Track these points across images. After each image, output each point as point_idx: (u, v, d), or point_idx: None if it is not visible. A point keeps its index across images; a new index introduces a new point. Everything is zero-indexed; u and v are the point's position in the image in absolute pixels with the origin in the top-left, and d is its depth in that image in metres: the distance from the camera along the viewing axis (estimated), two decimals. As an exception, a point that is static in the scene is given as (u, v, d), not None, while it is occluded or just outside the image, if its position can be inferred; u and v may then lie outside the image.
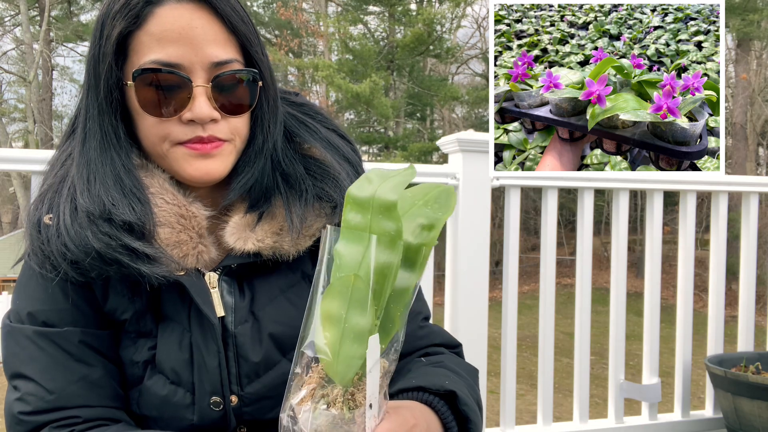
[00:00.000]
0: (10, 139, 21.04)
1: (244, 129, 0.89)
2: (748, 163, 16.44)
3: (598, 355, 5.76)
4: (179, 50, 0.81)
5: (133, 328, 0.86)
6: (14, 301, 0.88)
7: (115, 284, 0.86)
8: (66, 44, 21.29)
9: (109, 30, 0.82)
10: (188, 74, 0.82)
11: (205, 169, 0.85)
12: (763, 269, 11.82)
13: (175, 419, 0.85)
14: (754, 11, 14.93)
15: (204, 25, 0.82)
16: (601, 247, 16.55)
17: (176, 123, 0.83)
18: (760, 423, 2.24)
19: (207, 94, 0.83)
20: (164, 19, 0.81)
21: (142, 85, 0.82)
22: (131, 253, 0.80)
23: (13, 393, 0.83)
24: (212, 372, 0.84)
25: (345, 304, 0.65)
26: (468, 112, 22.74)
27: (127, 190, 0.83)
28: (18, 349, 0.84)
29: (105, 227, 0.81)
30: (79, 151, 0.87)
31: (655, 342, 2.53)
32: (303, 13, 17.72)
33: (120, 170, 0.84)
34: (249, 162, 0.89)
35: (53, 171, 0.90)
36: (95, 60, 0.84)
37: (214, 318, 0.84)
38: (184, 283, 0.84)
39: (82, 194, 0.83)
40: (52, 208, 0.84)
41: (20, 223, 21.73)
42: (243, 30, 0.86)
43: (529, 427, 2.41)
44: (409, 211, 0.72)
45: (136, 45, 0.83)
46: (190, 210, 0.87)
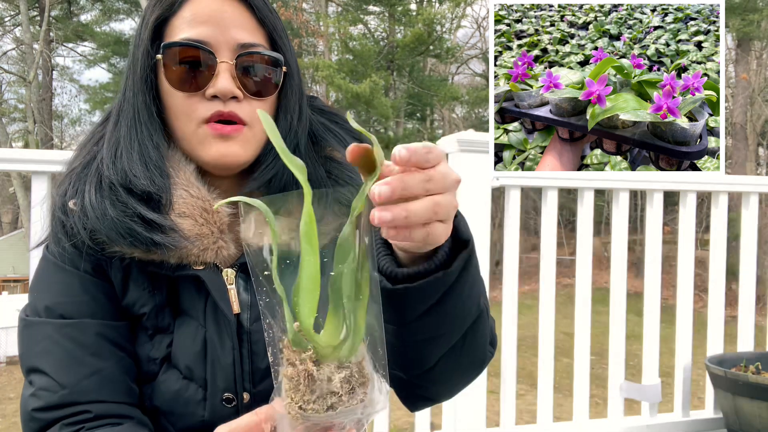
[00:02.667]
0: (10, 139, 21.04)
1: None
2: (748, 163, 16.44)
3: (598, 355, 5.75)
4: (208, 30, 0.85)
5: (151, 324, 0.87)
6: (31, 295, 0.89)
7: (136, 276, 0.87)
8: (66, 44, 21.33)
9: (148, 17, 0.88)
10: (214, 51, 0.85)
11: (224, 151, 0.86)
12: (763, 269, 11.81)
13: (186, 415, 0.85)
14: (754, 11, 14.94)
15: (234, 11, 0.87)
16: (601, 247, 16.56)
17: (201, 99, 0.86)
18: (760, 423, 2.24)
19: (231, 72, 0.85)
20: (197, 5, 0.86)
21: (171, 62, 0.86)
22: (146, 224, 0.82)
23: (28, 389, 0.84)
24: (226, 368, 0.85)
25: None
26: (468, 112, 22.76)
27: (152, 164, 0.85)
28: (34, 343, 0.85)
29: (123, 196, 0.83)
30: (111, 131, 0.90)
31: (655, 342, 2.53)
32: (303, 13, 17.72)
33: (148, 145, 0.87)
34: (271, 151, 0.90)
35: (82, 152, 0.92)
36: (134, 47, 0.89)
37: (230, 314, 0.85)
38: (203, 277, 0.84)
39: (108, 167, 0.85)
40: (78, 192, 0.86)
41: (20, 223, 21.71)
42: (271, 20, 0.90)
43: (529, 427, 2.41)
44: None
45: (170, 29, 0.87)
46: (213, 205, 0.88)
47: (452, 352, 0.80)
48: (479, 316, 0.81)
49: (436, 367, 0.81)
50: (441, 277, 0.71)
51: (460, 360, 0.82)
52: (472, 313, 0.80)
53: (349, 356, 0.62)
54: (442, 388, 0.87)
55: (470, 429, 2.22)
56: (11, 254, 16.86)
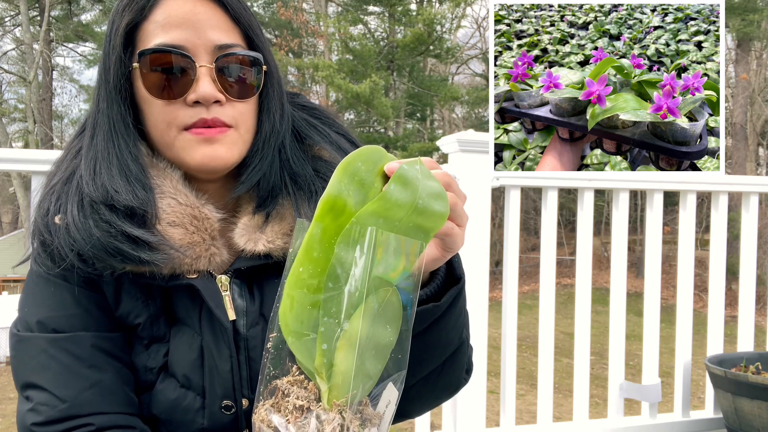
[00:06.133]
0: (10, 139, 21.03)
1: (249, 118, 0.88)
2: (748, 163, 16.44)
3: (598, 355, 5.76)
4: (183, 33, 0.82)
5: (147, 334, 0.86)
6: (21, 310, 0.86)
7: (128, 287, 0.85)
8: (66, 44, 21.31)
9: (118, 23, 0.84)
10: (192, 56, 0.82)
11: (210, 155, 0.84)
12: (763, 269, 11.82)
13: (185, 423, 0.84)
14: (754, 11, 14.94)
15: (207, 12, 0.84)
16: (601, 247, 16.56)
17: (181, 106, 0.83)
18: (760, 423, 2.24)
19: (211, 76, 0.83)
20: (168, 8, 0.83)
21: (147, 69, 0.83)
22: (132, 242, 0.80)
23: (25, 404, 0.82)
24: (224, 376, 0.84)
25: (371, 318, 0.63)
26: (468, 112, 22.76)
27: (133, 177, 0.83)
28: (28, 358, 0.83)
29: (106, 215, 0.80)
30: (88, 145, 0.87)
31: (655, 342, 2.53)
32: (303, 13, 17.72)
33: (127, 158, 0.84)
34: (257, 152, 0.89)
35: (60, 168, 0.90)
36: (105, 54, 0.86)
37: (226, 322, 0.83)
38: (197, 286, 0.83)
39: (88, 184, 0.83)
40: (61, 208, 0.83)
41: (20, 223, 21.65)
42: (246, 18, 0.87)
43: (529, 427, 2.41)
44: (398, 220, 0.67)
45: (143, 35, 0.84)
46: (203, 212, 0.86)
47: (430, 376, 0.86)
48: (460, 346, 0.87)
49: (412, 389, 0.85)
50: (430, 308, 0.78)
51: (436, 384, 0.88)
52: (454, 343, 0.86)
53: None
54: (415, 407, 0.91)
55: (470, 429, 2.22)
56: (11, 254, 16.85)
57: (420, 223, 0.67)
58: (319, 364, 0.64)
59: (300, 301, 0.66)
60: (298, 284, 0.66)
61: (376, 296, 0.64)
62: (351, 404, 0.63)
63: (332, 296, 0.64)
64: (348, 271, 0.64)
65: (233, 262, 0.88)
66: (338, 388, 0.64)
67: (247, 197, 0.91)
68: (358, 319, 0.62)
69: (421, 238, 0.67)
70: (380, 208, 0.65)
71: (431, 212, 0.67)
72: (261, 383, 0.67)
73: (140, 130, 0.87)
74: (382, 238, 0.63)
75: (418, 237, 0.67)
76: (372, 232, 0.63)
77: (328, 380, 0.64)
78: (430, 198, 0.67)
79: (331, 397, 0.64)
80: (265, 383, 0.67)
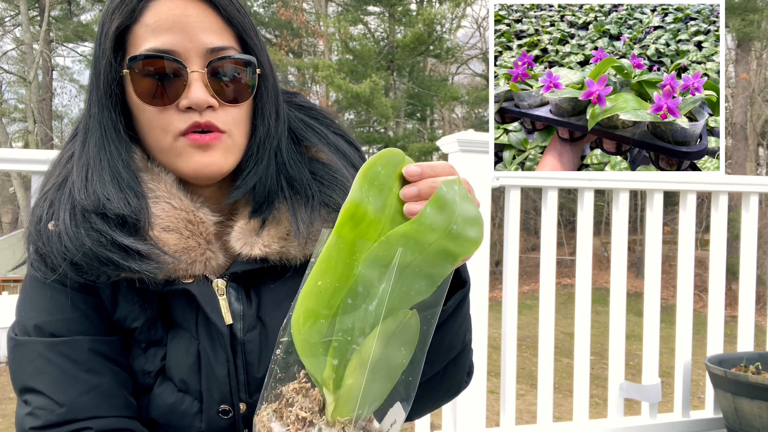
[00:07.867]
0: (10, 139, 21.03)
1: (244, 123, 0.87)
2: (748, 163, 16.43)
3: (598, 355, 5.76)
4: (173, 38, 0.81)
5: (144, 337, 0.85)
6: (19, 314, 0.86)
7: (125, 291, 0.84)
8: (66, 44, 21.31)
9: (108, 26, 0.83)
10: (183, 60, 0.81)
11: (205, 162, 0.83)
12: (763, 269, 11.81)
13: (182, 427, 0.84)
14: (754, 11, 14.94)
15: (199, 14, 0.82)
16: (601, 247, 16.55)
17: (174, 112, 0.82)
18: (760, 423, 2.24)
19: (203, 80, 0.81)
20: (159, 10, 0.81)
21: (138, 75, 0.81)
22: (123, 251, 0.79)
23: (23, 408, 0.82)
24: (221, 380, 0.83)
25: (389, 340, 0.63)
26: (468, 112, 22.75)
27: (125, 185, 0.82)
28: (26, 362, 0.82)
29: (97, 223, 0.79)
30: (80, 151, 0.86)
31: (655, 342, 2.53)
32: (303, 13, 17.71)
33: (118, 164, 0.83)
34: (252, 156, 0.87)
35: (54, 173, 0.89)
36: (96, 58, 0.84)
37: (222, 326, 0.83)
38: (193, 291, 0.82)
39: (80, 192, 0.81)
40: (54, 215, 0.83)
41: (20, 224, 21.66)
42: (239, 20, 0.85)
43: (529, 427, 2.41)
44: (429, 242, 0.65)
45: (133, 38, 0.82)
46: (198, 216, 0.85)
47: (432, 379, 0.85)
48: (463, 349, 0.87)
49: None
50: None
51: (438, 388, 0.88)
52: (458, 347, 0.86)
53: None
54: (415, 410, 0.90)
55: (470, 429, 2.22)
56: (11, 254, 16.84)
57: (450, 249, 0.65)
58: (328, 377, 0.64)
59: (314, 311, 0.65)
60: (313, 294, 0.65)
61: (395, 318, 0.63)
62: (355, 423, 0.63)
63: (350, 312, 0.64)
64: (369, 290, 0.63)
65: (229, 265, 0.88)
66: (344, 405, 0.63)
67: (244, 200, 0.90)
68: (373, 339, 0.62)
69: (449, 261, 0.66)
70: (413, 231, 0.64)
71: (464, 238, 0.65)
72: (267, 385, 0.67)
73: (134, 133, 0.86)
74: (409, 260, 0.63)
75: (446, 260, 0.65)
76: (399, 254, 0.63)
77: (334, 392, 0.64)
78: (465, 223, 0.65)
79: (336, 412, 0.63)
80: (270, 386, 0.67)
